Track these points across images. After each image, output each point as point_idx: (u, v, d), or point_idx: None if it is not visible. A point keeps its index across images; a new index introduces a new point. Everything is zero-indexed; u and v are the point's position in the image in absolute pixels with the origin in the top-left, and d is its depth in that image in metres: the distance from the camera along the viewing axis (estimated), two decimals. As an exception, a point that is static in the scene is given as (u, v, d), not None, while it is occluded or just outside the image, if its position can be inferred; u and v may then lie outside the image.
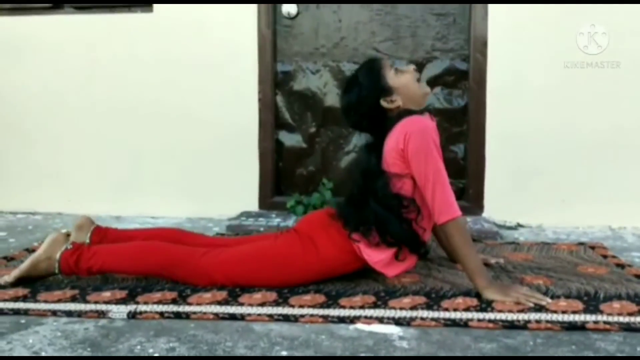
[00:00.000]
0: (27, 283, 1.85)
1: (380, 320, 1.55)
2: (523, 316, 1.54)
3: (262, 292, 1.76)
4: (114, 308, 1.63)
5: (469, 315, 1.56)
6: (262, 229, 2.72)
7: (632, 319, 1.53)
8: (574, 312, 1.57)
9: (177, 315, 1.60)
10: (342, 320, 1.55)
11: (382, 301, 1.68)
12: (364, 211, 1.78)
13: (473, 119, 2.93)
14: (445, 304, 1.65)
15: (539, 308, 1.60)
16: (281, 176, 3.16)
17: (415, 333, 1.48)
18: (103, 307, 1.65)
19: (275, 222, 2.80)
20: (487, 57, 2.88)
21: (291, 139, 3.13)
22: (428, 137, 1.73)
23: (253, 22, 3.01)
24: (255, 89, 3.04)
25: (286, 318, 1.57)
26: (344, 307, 1.64)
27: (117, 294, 1.76)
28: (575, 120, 2.84)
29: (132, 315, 1.60)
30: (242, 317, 1.58)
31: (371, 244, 1.77)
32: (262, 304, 1.66)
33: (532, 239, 2.61)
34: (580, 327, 1.49)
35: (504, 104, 2.88)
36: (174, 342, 1.44)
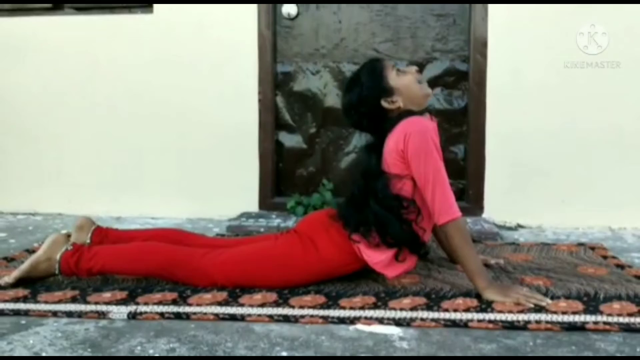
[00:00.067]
0: (27, 284, 1.85)
1: (381, 320, 1.55)
2: (523, 317, 1.55)
3: (262, 293, 1.76)
4: (114, 309, 1.63)
5: (469, 315, 1.57)
6: (262, 229, 2.72)
7: (632, 319, 1.53)
8: (574, 313, 1.57)
9: (178, 315, 1.60)
10: (342, 320, 1.56)
11: (382, 302, 1.68)
12: (364, 212, 1.78)
13: (473, 119, 2.94)
14: (445, 305, 1.65)
15: (539, 309, 1.60)
16: (281, 177, 3.16)
17: (415, 334, 1.48)
18: (103, 307, 1.65)
19: (275, 223, 2.81)
20: (487, 58, 2.88)
21: (291, 140, 3.14)
22: (428, 138, 1.73)
23: (253, 23, 3.01)
24: (255, 90, 3.04)
25: (286, 319, 1.57)
26: (344, 307, 1.64)
27: (117, 294, 1.76)
28: (575, 121, 2.84)
29: (133, 316, 1.60)
30: (243, 318, 1.58)
31: (371, 245, 1.77)
32: (263, 305, 1.66)
33: (532, 239, 2.61)
34: (580, 328, 1.49)
35: (503, 104, 2.89)
36: (174, 342, 1.44)
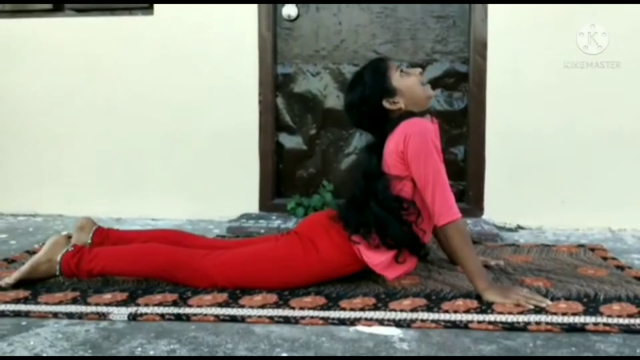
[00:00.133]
0: (28, 285, 1.85)
1: (381, 322, 1.55)
2: (523, 318, 1.55)
3: (262, 294, 1.76)
4: (114, 310, 1.64)
5: (469, 317, 1.57)
6: (262, 230, 2.72)
7: (632, 320, 1.53)
8: (574, 314, 1.57)
9: (178, 317, 1.60)
10: (342, 322, 1.56)
11: (382, 303, 1.69)
12: (365, 213, 1.78)
13: (473, 121, 2.94)
14: (445, 306, 1.65)
15: (539, 310, 1.60)
16: (281, 178, 3.16)
17: (415, 335, 1.49)
18: (104, 309, 1.65)
19: (275, 224, 2.81)
20: (486, 59, 2.88)
21: (291, 141, 3.14)
22: (428, 139, 1.73)
23: (253, 25, 3.01)
24: (255, 91, 3.04)
25: (287, 320, 1.57)
26: (344, 309, 1.64)
27: (117, 296, 1.76)
28: (575, 122, 2.85)
29: (133, 317, 1.60)
30: (243, 319, 1.58)
31: (371, 246, 1.77)
32: (263, 306, 1.67)
33: (532, 240, 2.61)
34: (580, 329, 1.49)
35: (503, 105, 2.89)
36: (175, 343, 1.44)
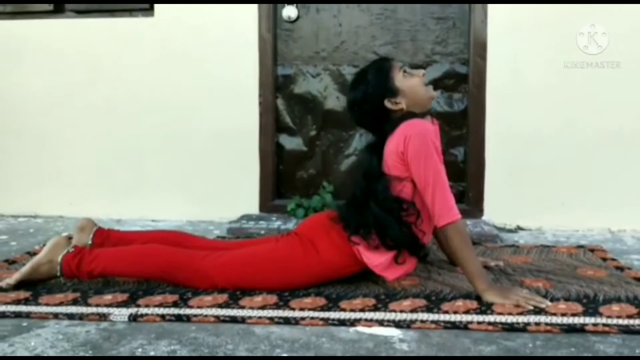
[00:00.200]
0: (29, 286, 1.85)
1: (381, 322, 1.55)
2: (522, 319, 1.55)
3: (262, 295, 1.76)
4: (115, 311, 1.64)
5: (468, 317, 1.57)
6: (262, 232, 2.72)
7: (631, 321, 1.53)
8: (573, 315, 1.58)
9: (178, 318, 1.60)
10: (342, 322, 1.56)
11: (382, 304, 1.69)
12: (364, 214, 1.78)
13: (473, 122, 2.94)
14: (445, 307, 1.66)
15: (538, 311, 1.60)
16: (282, 179, 3.16)
17: (415, 335, 1.49)
18: (104, 309, 1.65)
19: (275, 225, 2.81)
20: (486, 60, 2.89)
21: (292, 142, 3.14)
22: (428, 141, 1.73)
23: (254, 26, 3.02)
24: (255, 92, 3.05)
25: (287, 321, 1.58)
26: (344, 309, 1.64)
27: (118, 296, 1.77)
28: (575, 123, 2.85)
29: (134, 318, 1.60)
30: (243, 320, 1.58)
31: (371, 247, 1.77)
32: (263, 307, 1.67)
33: (531, 241, 2.61)
34: (580, 330, 1.49)
35: (503, 106, 2.89)
36: (175, 344, 1.44)
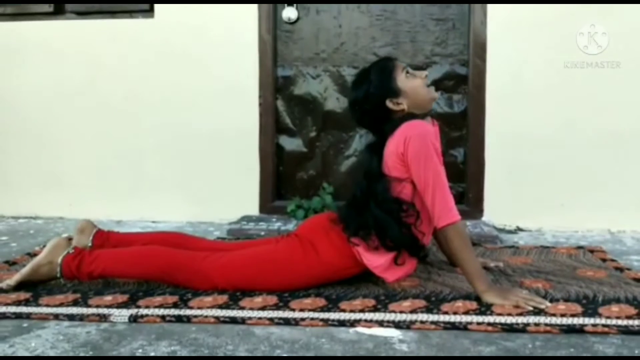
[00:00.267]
0: (29, 287, 1.86)
1: (380, 323, 1.55)
2: (522, 319, 1.55)
3: (262, 296, 1.77)
4: (115, 312, 1.64)
5: (468, 318, 1.57)
6: (262, 233, 2.72)
7: (631, 322, 1.54)
8: (573, 316, 1.58)
9: (179, 318, 1.61)
10: (342, 323, 1.56)
11: (382, 305, 1.69)
12: (364, 215, 1.78)
13: (472, 123, 2.94)
14: (445, 308, 1.66)
15: (538, 311, 1.61)
16: (282, 180, 3.17)
17: (415, 336, 1.49)
18: (105, 310, 1.66)
19: (275, 226, 2.81)
20: (486, 61, 2.89)
21: (292, 143, 3.14)
22: (427, 142, 1.73)
23: (254, 27, 3.02)
24: (255, 94, 3.05)
25: (287, 321, 1.58)
26: (344, 310, 1.65)
27: (118, 297, 1.77)
28: (575, 123, 2.85)
29: (134, 319, 1.61)
30: (243, 321, 1.59)
31: (370, 248, 1.78)
32: (263, 308, 1.67)
33: (531, 242, 2.62)
34: (579, 330, 1.50)
35: (503, 107, 2.89)
36: (176, 345, 1.45)
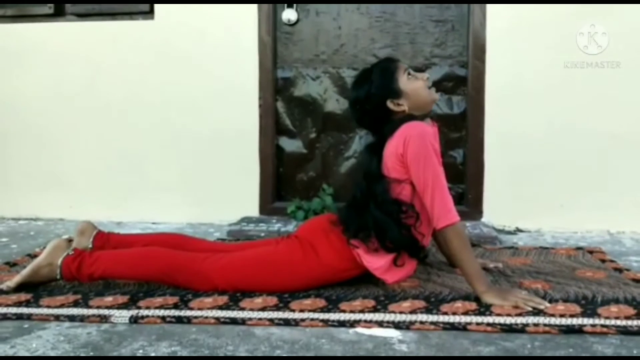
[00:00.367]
0: (29, 288, 1.86)
1: (380, 324, 1.56)
2: (521, 320, 1.56)
3: (263, 297, 1.77)
4: (116, 313, 1.65)
5: (467, 319, 1.58)
6: (262, 234, 2.73)
7: (629, 322, 1.54)
8: (572, 316, 1.58)
9: (179, 319, 1.61)
10: (342, 324, 1.57)
11: (381, 305, 1.70)
12: (364, 216, 1.79)
13: (472, 124, 2.95)
14: (444, 308, 1.66)
15: (537, 312, 1.61)
16: (282, 181, 3.17)
17: (414, 336, 1.50)
18: (105, 311, 1.66)
19: (275, 228, 2.81)
20: (485, 62, 2.90)
21: (291, 145, 3.15)
22: (427, 143, 1.74)
23: (253, 29, 3.03)
24: (255, 95, 3.06)
25: (287, 322, 1.58)
26: (344, 311, 1.65)
27: (119, 299, 1.77)
28: (574, 125, 2.85)
29: (134, 320, 1.61)
30: (243, 322, 1.59)
31: (370, 250, 1.78)
32: (263, 309, 1.67)
33: (530, 243, 2.62)
34: (578, 331, 1.50)
35: (502, 108, 2.90)
36: (176, 346, 1.45)
